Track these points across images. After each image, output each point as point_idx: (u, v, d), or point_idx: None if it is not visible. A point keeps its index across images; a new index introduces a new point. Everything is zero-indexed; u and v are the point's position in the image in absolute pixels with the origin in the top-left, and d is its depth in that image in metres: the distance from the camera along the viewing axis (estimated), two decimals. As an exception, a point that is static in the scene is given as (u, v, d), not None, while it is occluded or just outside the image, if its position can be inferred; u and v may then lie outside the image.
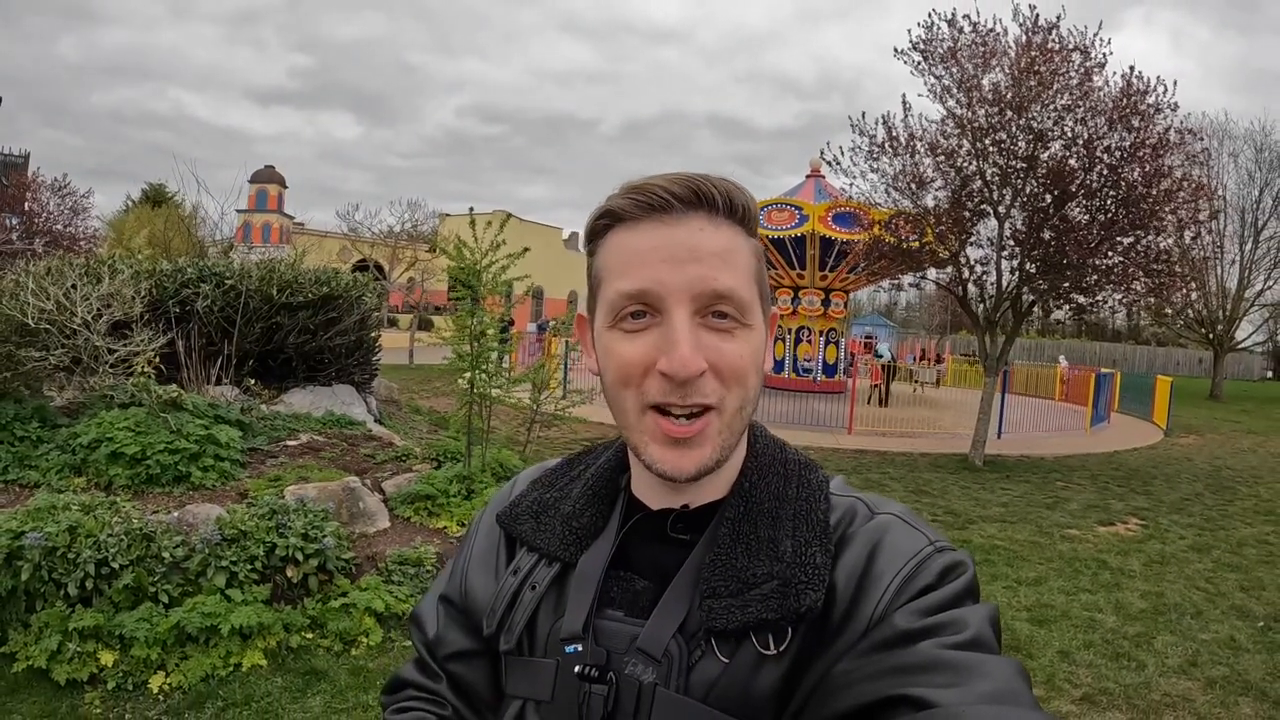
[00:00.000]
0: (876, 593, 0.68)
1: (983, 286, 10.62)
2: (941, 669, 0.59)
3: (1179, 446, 14.42)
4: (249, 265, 7.08)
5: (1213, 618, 5.21)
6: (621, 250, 0.71)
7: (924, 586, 0.67)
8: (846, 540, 0.73)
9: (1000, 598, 5.36)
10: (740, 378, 0.70)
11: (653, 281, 0.68)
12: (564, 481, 0.88)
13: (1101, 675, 4.23)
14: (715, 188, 0.70)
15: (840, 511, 0.76)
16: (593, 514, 0.81)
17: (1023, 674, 0.60)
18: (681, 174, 0.71)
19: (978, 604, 0.67)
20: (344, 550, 4.11)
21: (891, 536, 0.72)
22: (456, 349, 5.19)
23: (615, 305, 0.70)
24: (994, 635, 0.64)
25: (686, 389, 0.68)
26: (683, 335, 0.67)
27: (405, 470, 5.34)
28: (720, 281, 0.68)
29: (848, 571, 0.70)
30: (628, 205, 0.71)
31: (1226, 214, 27.30)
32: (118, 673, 3.46)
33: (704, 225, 0.70)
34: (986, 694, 0.57)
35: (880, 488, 8.90)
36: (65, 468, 4.71)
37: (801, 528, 0.73)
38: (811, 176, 18.91)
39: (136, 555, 3.68)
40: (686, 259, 0.68)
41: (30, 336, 5.26)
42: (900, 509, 0.76)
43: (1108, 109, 9.23)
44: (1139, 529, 7.62)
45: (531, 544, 0.82)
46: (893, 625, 0.65)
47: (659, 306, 0.68)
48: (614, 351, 0.71)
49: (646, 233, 0.70)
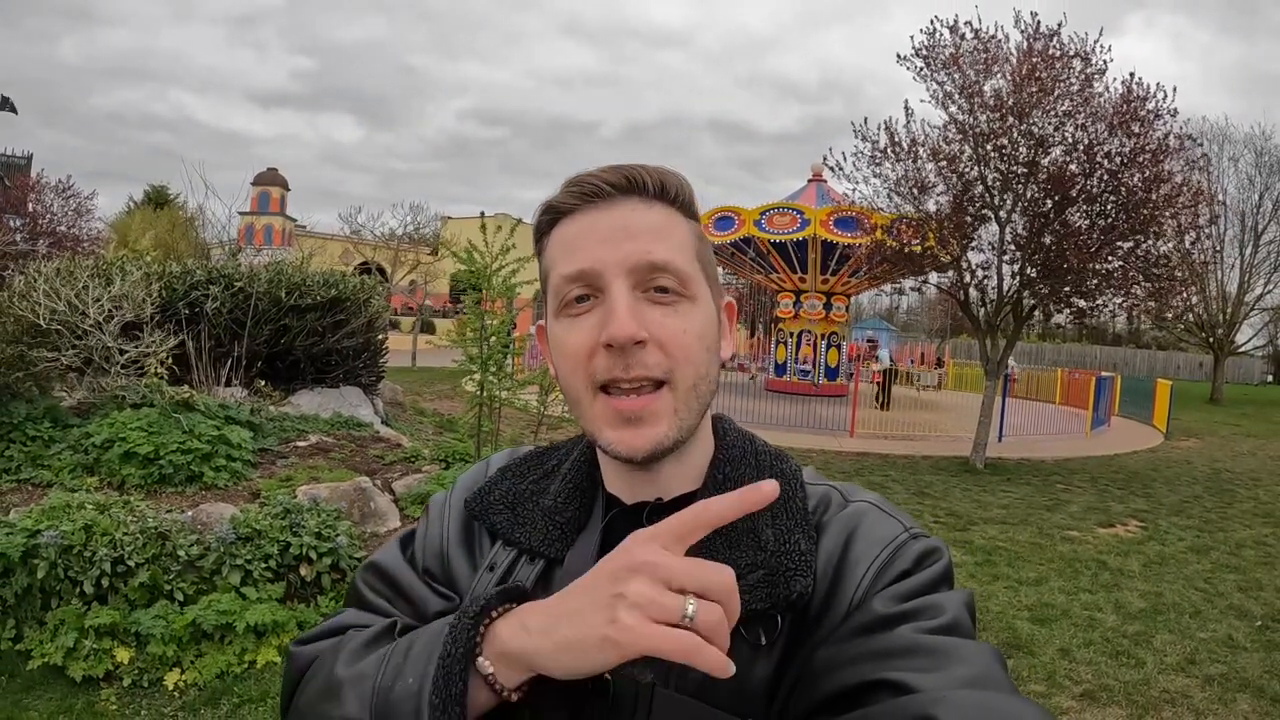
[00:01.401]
0: (854, 578, 0.68)
1: (984, 290, 10.69)
2: (920, 653, 0.60)
3: (1179, 450, 14.47)
4: (257, 268, 7.14)
5: (1211, 617, 5.27)
6: (563, 240, 0.73)
7: (901, 572, 0.68)
8: (822, 528, 0.73)
9: (1001, 597, 5.42)
10: (686, 352, 0.70)
11: (590, 260, 0.69)
12: (537, 474, 0.85)
13: (1101, 672, 4.29)
14: (648, 174, 0.72)
15: (815, 499, 0.76)
16: (575, 508, 0.79)
17: (999, 658, 0.61)
18: (617, 165, 0.73)
19: (953, 589, 0.68)
20: (356, 549, 4.17)
21: (867, 523, 0.72)
22: (467, 351, 5.25)
23: (559, 291, 0.72)
24: (970, 620, 0.65)
25: (629, 359, 0.68)
26: (620, 303, 0.68)
27: (414, 471, 5.40)
28: (655, 253, 0.69)
29: (825, 558, 0.71)
30: (566, 198, 0.73)
31: (1226, 218, 27.37)
32: (133, 669, 3.51)
33: (637, 206, 0.71)
34: (965, 678, 0.58)
35: (883, 489, 8.95)
36: (78, 467, 4.76)
37: (781, 516, 0.73)
38: (813, 181, 18.97)
39: (152, 554, 3.73)
40: (622, 237, 0.70)
41: (41, 337, 5.33)
42: (874, 497, 0.77)
43: (1108, 115, 9.30)
44: (1139, 531, 7.67)
45: (509, 538, 0.80)
46: (871, 610, 0.66)
47: (599, 284, 0.69)
48: (562, 339, 0.72)
49: (583, 220, 0.72)
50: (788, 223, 16.54)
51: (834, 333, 19.16)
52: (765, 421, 13.18)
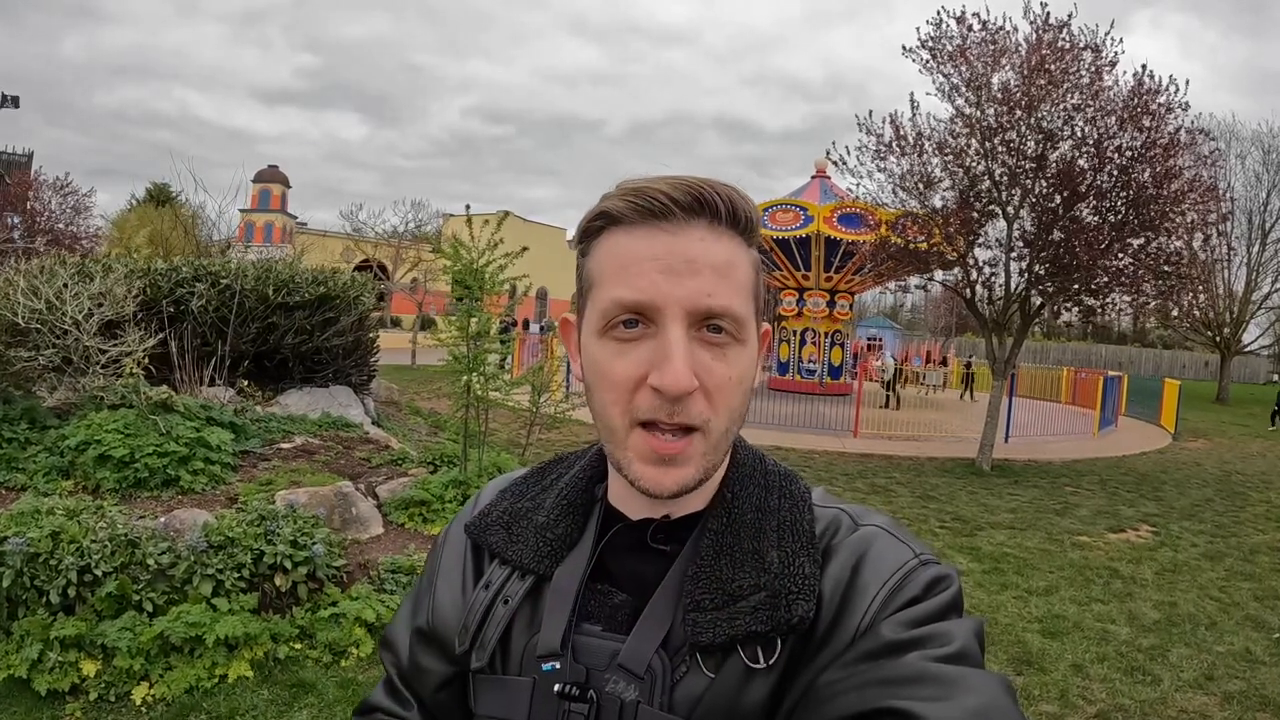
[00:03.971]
0: (863, 604, 0.67)
1: (991, 288, 10.48)
2: (928, 682, 0.59)
3: (1187, 451, 14.27)
4: (245, 265, 6.97)
5: (1227, 629, 5.09)
6: (617, 255, 0.68)
7: (910, 598, 0.66)
8: (831, 551, 0.72)
9: (1010, 608, 5.23)
10: (728, 399, 0.68)
11: (649, 293, 0.65)
12: (535, 491, 0.84)
13: (1116, 690, 4.10)
14: (719, 195, 0.67)
15: (824, 523, 0.75)
16: (568, 524, 0.78)
17: (1008, 689, 0.60)
18: (684, 178, 0.67)
19: (963, 617, 0.67)
20: (335, 558, 4.00)
21: (877, 548, 0.71)
22: (453, 351, 5.07)
23: (608, 313, 0.67)
24: (979, 649, 0.64)
25: (675, 407, 0.65)
26: (677, 351, 0.65)
27: (401, 475, 5.23)
28: (716, 299, 0.66)
29: (833, 583, 0.69)
30: (625, 208, 0.67)
31: (1234, 216, 27.13)
32: (100, 683, 3.35)
33: (704, 235, 0.67)
34: (973, 709, 0.56)
35: (887, 492, 8.78)
36: (53, 470, 4.60)
37: (787, 538, 0.72)
38: (817, 177, 18.79)
39: (121, 562, 3.57)
40: (685, 271, 0.65)
41: (20, 336, 5.17)
42: (885, 520, 0.75)
43: (1118, 108, 9.10)
44: (1150, 536, 7.48)
45: (503, 556, 0.79)
46: (879, 636, 0.64)
47: (653, 318, 0.66)
48: (604, 365, 0.68)
49: (644, 239, 0.67)
50: (790, 219, 16.35)
51: (838, 331, 18.97)
52: (768, 421, 12.99)
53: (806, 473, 9.30)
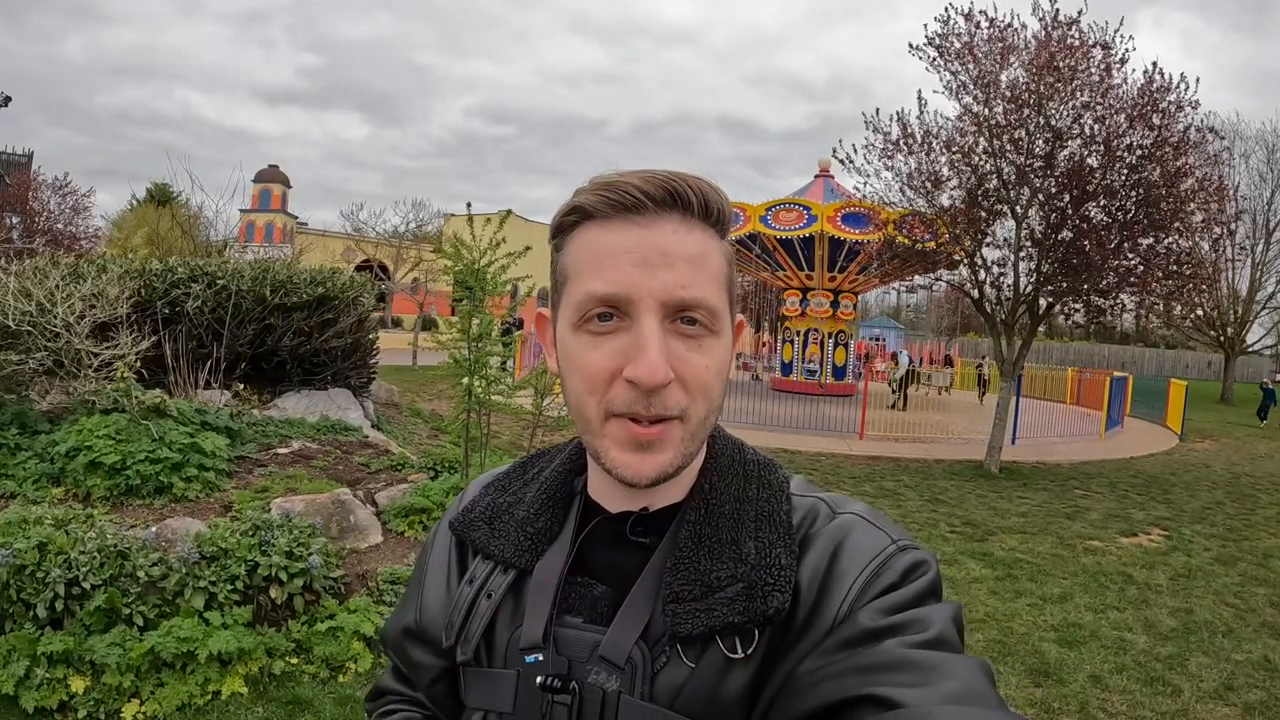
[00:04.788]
0: (840, 592, 0.67)
1: (999, 288, 10.34)
2: (906, 668, 0.58)
3: (1195, 452, 14.15)
4: (242, 265, 6.85)
5: (1245, 636, 4.97)
6: (590, 249, 0.68)
7: (887, 585, 0.66)
8: (809, 540, 0.72)
9: (1026, 616, 5.10)
10: (705, 389, 0.68)
11: (623, 285, 0.66)
12: (517, 485, 0.86)
13: (1136, 702, 3.98)
14: (690, 188, 0.67)
15: (802, 512, 0.75)
16: (548, 518, 0.79)
17: (987, 673, 0.59)
18: (656, 172, 0.68)
19: (940, 602, 0.67)
20: (332, 568, 3.88)
21: (854, 536, 0.71)
22: (453, 354, 4.94)
23: (582, 306, 0.67)
24: (957, 634, 0.64)
25: (651, 399, 0.65)
26: (652, 343, 0.65)
27: (400, 480, 5.10)
28: (690, 291, 0.66)
29: (811, 571, 0.69)
30: (598, 203, 0.68)
31: (1241, 217, 27.01)
32: (89, 700, 3.23)
33: (677, 228, 0.67)
34: (952, 694, 0.56)
35: (896, 496, 8.65)
36: (43, 477, 4.48)
37: (764, 529, 0.72)
38: (820, 176, 18.66)
39: (110, 574, 3.45)
40: (659, 264, 0.66)
41: (11, 339, 5.05)
42: (862, 508, 0.75)
43: (1127, 106, 8.96)
44: (1162, 540, 7.36)
45: (486, 551, 0.80)
46: (857, 624, 0.64)
47: (628, 311, 0.66)
48: (579, 358, 0.68)
49: (617, 233, 0.67)
50: (794, 219, 16.21)
51: (841, 331, 18.84)
52: (771, 423, 12.86)
53: (814, 476, 9.16)
